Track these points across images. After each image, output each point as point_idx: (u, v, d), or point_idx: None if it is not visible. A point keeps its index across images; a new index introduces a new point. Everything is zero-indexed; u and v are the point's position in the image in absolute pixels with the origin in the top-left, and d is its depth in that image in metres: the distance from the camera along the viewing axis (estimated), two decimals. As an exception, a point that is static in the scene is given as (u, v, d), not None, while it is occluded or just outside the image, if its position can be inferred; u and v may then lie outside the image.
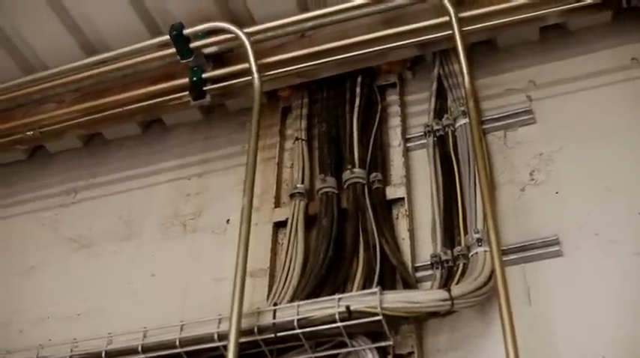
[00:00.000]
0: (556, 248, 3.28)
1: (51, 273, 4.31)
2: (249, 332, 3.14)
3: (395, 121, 4.01)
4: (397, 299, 3.03)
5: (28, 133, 4.42)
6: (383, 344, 3.08)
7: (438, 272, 3.31)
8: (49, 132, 4.44)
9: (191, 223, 4.19)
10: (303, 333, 3.09)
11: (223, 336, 3.12)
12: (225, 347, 2.99)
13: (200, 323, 3.29)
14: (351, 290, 3.26)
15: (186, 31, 3.93)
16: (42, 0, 4.11)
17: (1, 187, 4.87)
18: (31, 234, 4.56)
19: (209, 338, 3.21)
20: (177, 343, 3.26)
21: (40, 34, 4.30)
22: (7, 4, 4.18)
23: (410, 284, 3.29)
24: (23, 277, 4.35)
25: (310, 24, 3.90)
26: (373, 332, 3.09)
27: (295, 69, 3.96)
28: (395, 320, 3.06)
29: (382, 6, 3.77)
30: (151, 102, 4.19)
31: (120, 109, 4.24)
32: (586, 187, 3.43)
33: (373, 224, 3.53)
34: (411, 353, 3.15)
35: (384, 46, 3.81)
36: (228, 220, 4.06)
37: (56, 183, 4.74)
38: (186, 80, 4.07)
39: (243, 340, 3.05)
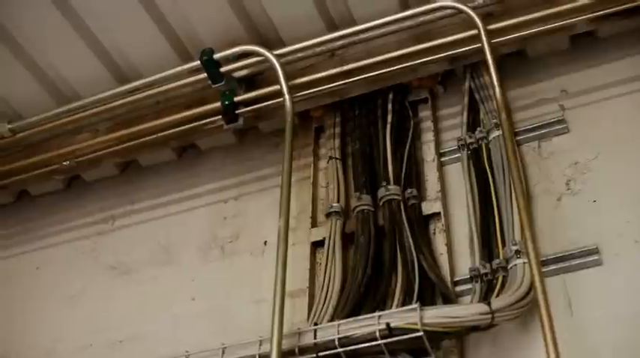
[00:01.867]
0: (595, 257, 3.25)
1: (92, 301, 4.33)
2: (291, 352, 3.15)
3: (428, 136, 4.00)
4: (437, 315, 3.02)
5: (64, 163, 4.47)
6: (425, 360, 3.07)
7: (477, 286, 3.29)
8: (84, 162, 4.48)
9: (229, 246, 4.20)
10: (344, 352, 3.09)
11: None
12: (268, 369, 3.00)
13: (241, 345, 3.30)
14: (391, 307, 3.25)
15: (216, 56, 3.96)
16: (73, 32, 4.16)
17: (40, 217, 4.90)
18: (72, 262, 4.59)
19: (251, 360, 3.23)
20: (220, 366, 3.28)
21: (73, 65, 4.36)
22: (40, 38, 4.23)
23: (450, 299, 3.27)
24: (65, 305, 4.38)
25: (339, 43, 3.92)
26: (415, 349, 3.07)
27: (326, 88, 3.97)
28: (436, 336, 3.04)
29: (411, 22, 3.78)
30: (184, 127, 4.22)
31: (154, 136, 4.28)
32: (623, 194, 3.40)
33: (410, 240, 3.51)
34: (454, 368, 3.14)
35: (414, 62, 3.81)
36: (265, 242, 4.07)
37: (94, 211, 4.77)
38: (218, 104, 4.09)
39: (284, 361, 3.07)
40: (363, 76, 3.90)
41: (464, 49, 3.73)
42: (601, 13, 3.60)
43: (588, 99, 3.78)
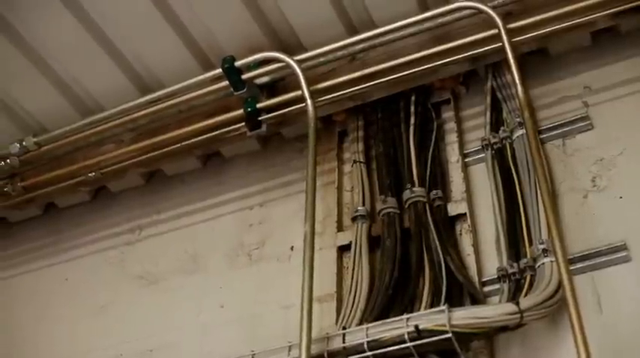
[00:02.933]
0: (624, 253, 3.22)
1: (121, 311, 4.35)
2: (320, 357, 3.15)
3: (452, 137, 3.99)
4: (466, 316, 3.00)
5: (89, 175, 4.49)
6: (454, 361, 3.06)
7: (505, 286, 3.27)
8: (110, 173, 4.51)
9: (256, 253, 4.21)
10: (373, 355, 3.08)
11: (294, 363, 3.13)
12: (297, 374, 3.00)
13: (270, 351, 3.32)
14: (419, 309, 3.24)
15: (237, 63, 3.97)
16: (95, 44, 4.19)
17: (67, 229, 4.93)
18: (99, 273, 4.61)
19: (280, 366, 3.24)
20: (249, 373, 3.29)
21: (96, 78, 4.39)
22: (63, 52, 4.26)
23: (478, 299, 3.25)
24: (94, 316, 4.40)
25: (360, 46, 3.91)
26: (444, 350, 3.06)
27: (348, 92, 3.97)
28: (465, 337, 3.03)
29: (430, 23, 3.77)
30: (208, 135, 4.23)
31: (178, 145, 4.29)
32: (651, 189, 3.39)
33: (437, 241, 3.50)
34: (483, 368, 3.13)
35: (435, 63, 3.80)
36: (292, 247, 4.07)
37: (121, 222, 4.79)
38: (241, 111, 4.10)
39: (314, 366, 3.07)
40: (384, 79, 3.90)
41: (484, 48, 3.72)
42: (622, 8, 3.57)
43: (611, 95, 3.75)
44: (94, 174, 4.50)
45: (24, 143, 4.48)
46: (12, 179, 4.67)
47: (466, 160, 3.89)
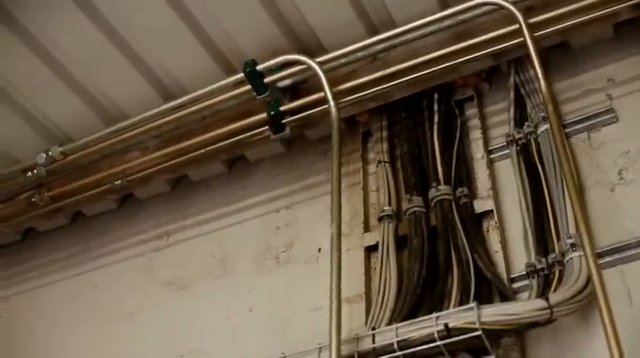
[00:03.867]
0: (653, 246, 3.21)
1: (151, 317, 4.38)
2: (350, 358, 3.16)
3: (476, 134, 3.97)
4: (495, 313, 3.00)
5: (115, 183, 4.52)
6: (485, 359, 3.05)
7: (534, 282, 3.26)
8: (136, 180, 4.53)
9: (283, 255, 4.21)
10: (403, 355, 3.10)
11: (325, 365, 3.13)
12: (328, 376, 3.00)
13: (300, 353, 3.33)
14: (448, 308, 3.24)
15: (259, 67, 3.98)
16: (118, 53, 4.21)
17: (95, 237, 4.96)
18: (128, 280, 4.64)
19: (311, 368, 3.24)
20: (280, 375, 3.30)
21: (119, 86, 4.41)
22: (86, 61, 4.29)
23: (507, 296, 3.24)
24: (124, 323, 4.43)
25: (381, 46, 3.90)
26: (475, 348, 3.06)
27: (370, 92, 3.97)
28: (495, 334, 3.02)
29: (451, 21, 3.75)
30: (232, 140, 4.24)
31: (203, 150, 4.31)
32: (678, 180, 3.36)
33: (464, 239, 3.50)
34: (515, 365, 3.12)
35: (457, 61, 3.79)
36: (319, 249, 4.07)
37: (148, 229, 4.81)
38: (264, 115, 4.11)
39: (344, 367, 3.07)
40: (406, 79, 3.89)
41: (506, 44, 3.70)
42: (643, -2, 3.56)
43: (636, 87, 3.72)
44: (120, 181, 4.52)
45: (50, 153, 4.51)
46: (39, 189, 4.70)
47: (491, 157, 3.88)
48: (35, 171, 4.58)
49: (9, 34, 4.13)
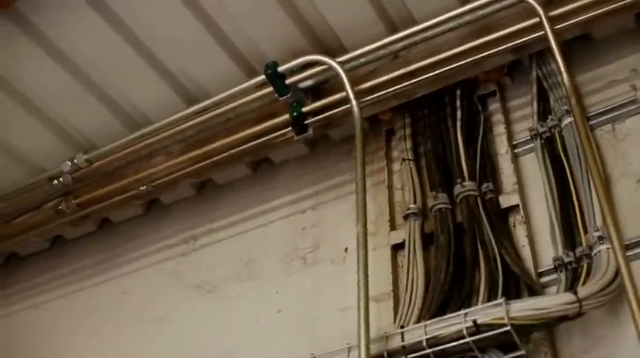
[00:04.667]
0: (681, 237, 3.19)
1: (180, 321, 4.38)
2: (380, 357, 3.16)
3: (500, 129, 3.96)
4: (524, 308, 2.99)
5: (141, 188, 4.55)
6: (515, 354, 3.03)
7: (562, 276, 3.25)
8: (161, 185, 4.56)
9: (310, 256, 4.21)
10: (433, 353, 3.09)
11: (354, 364, 3.13)
12: (358, 375, 3.00)
13: (330, 353, 3.33)
14: (477, 304, 3.23)
15: (280, 69, 3.99)
16: (140, 59, 4.25)
17: (123, 243, 4.99)
18: (157, 285, 4.65)
19: (340, 368, 3.24)
20: (311, 376, 3.30)
21: (142, 92, 4.45)
22: (109, 68, 4.32)
23: (535, 290, 3.23)
24: (155, 328, 4.44)
25: (401, 44, 3.91)
26: (504, 344, 3.04)
27: (392, 91, 3.97)
28: (524, 329, 3.02)
29: (470, 16, 3.75)
30: (256, 142, 4.26)
31: (227, 153, 4.33)
32: None
33: (491, 235, 3.49)
34: (545, 360, 3.11)
35: (478, 56, 3.79)
36: (346, 249, 4.06)
37: (175, 233, 4.82)
38: (287, 116, 4.12)
39: (374, 366, 3.07)
40: (427, 76, 3.89)
41: (527, 38, 3.69)
42: (664, -14, 3.54)
43: (660, 76, 3.71)
44: (145, 187, 4.55)
45: (75, 161, 4.55)
46: (66, 197, 4.75)
47: (515, 151, 3.86)
48: (61, 179, 4.63)
49: (33, 46, 4.18)
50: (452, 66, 3.84)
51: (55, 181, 4.66)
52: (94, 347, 4.58)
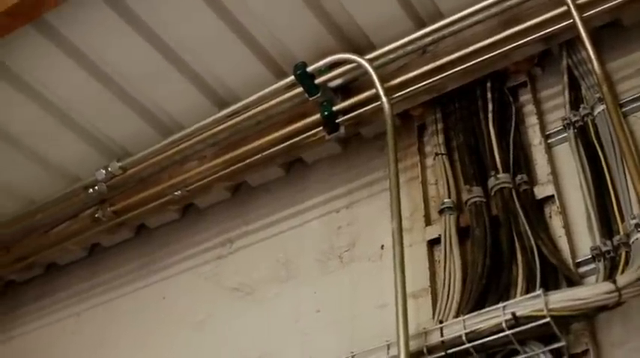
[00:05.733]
0: None
1: (220, 324, 4.39)
2: (419, 353, 3.16)
3: (532, 120, 3.93)
4: (562, 299, 2.97)
5: (176, 193, 4.58)
6: (556, 345, 3.02)
7: (600, 265, 3.21)
8: (195, 189, 4.59)
9: (347, 255, 4.20)
10: (473, 347, 3.08)
11: (394, 361, 3.13)
12: (399, 372, 3.00)
13: (369, 351, 3.33)
14: (515, 297, 3.20)
15: (309, 69, 4.01)
16: (169, 65, 4.28)
17: (160, 249, 5.01)
18: (195, 289, 4.66)
19: (381, 365, 3.24)
20: (352, 375, 3.30)
21: (173, 98, 4.48)
22: (139, 76, 4.36)
23: (574, 281, 3.20)
24: (194, 332, 4.45)
25: (429, 39, 3.90)
26: (544, 335, 3.03)
27: (422, 86, 3.96)
28: (564, 320, 2.99)
29: (497, 8, 3.73)
30: (287, 143, 4.27)
31: (259, 155, 4.34)
32: None
33: (527, 226, 3.46)
34: (586, 350, 3.07)
35: (507, 48, 3.77)
36: (382, 246, 4.05)
37: (211, 237, 4.83)
38: (318, 116, 4.13)
39: (414, 362, 3.07)
40: (457, 69, 3.88)
41: (555, 27, 3.67)
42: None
43: (691, 61, 3.67)
44: (180, 192, 4.58)
45: (109, 168, 4.60)
46: (102, 205, 4.79)
47: (549, 141, 3.83)
48: (96, 187, 4.67)
49: (64, 57, 4.22)
50: (481, 58, 3.83)
51: (91, 190, 4.70)
52: (135, 353, 4.61)
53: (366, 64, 3.89)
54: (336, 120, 4.10)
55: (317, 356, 3.61)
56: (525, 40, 3.74)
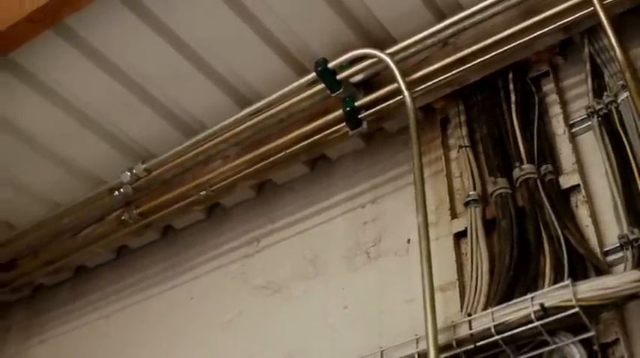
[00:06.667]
0: None
1: (248, 323, 4.40)
2: (448, 346, 3.15)
3: (555, 109, 3.91)
4: (591, 288, 2.95)
5: (201, 193, 4.59)
6: (585, 335, 2.99)
7: (628, 253, 3.19)
8: (220, 189, 4.60)
9: (373, 250, 4.19)
10: (502, 339, 3.07)
11: (423, 355, 3.14)
12: (428, 366, 3.00)
13: (398, 346, 3.33)
14: (543, 287, 3.19)
15: (330, 65, 4.01)
16: (190, 65, 4.29)
17: (187, 249, 5.03)
18: (223, 288, 4.67)
19: (410, 360, 3.24)
20: (384, 371, 3.30)
21: (194, 98, 4.49)
22: (160, 77, 4.38)
23: (602, 270, 3.18)
24: (223, 330, 4.46)
25: (450, 31, 3.88)
26: (573, 326, 3.01)
27: (444, 79, 3.95)
28: (593, 310, 2.97)
29: (516, -2, 3.73)
30: (311, 140, 4.28)
31: (283, 153, 4.35)
32: None
33: (553, 216, 3.44)
34: (616, 340, 3.05)
35: (527, 38, 3.75)
36: (408, 240, 4.05)
37: (238, 236, 4.84)
38: (340, 112, 4.13)
39: (443, 356, 3.08)
40: (478, 61, 3.86)
41: (576, 15, 3.65)
42: None
43: None
44: (205, 192, 4.59)
45: (134, 170, 4.62)
46: (127, 207, 4.81)
47: (573, 131, 3.81)
48: (122, 189, 4.69)
49: (84, 60, 4.24)
50: (502, 49, 3.81)
51: (116, 192, 4.72)
52: (165, 354, 4.63)
53: (387, 59, 3.88)
54: (359, 116, 4.10)
55: (346, 352, 3.60)
56: (546, 29, 3.72)
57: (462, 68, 3.91)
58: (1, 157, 4.76)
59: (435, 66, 3.94)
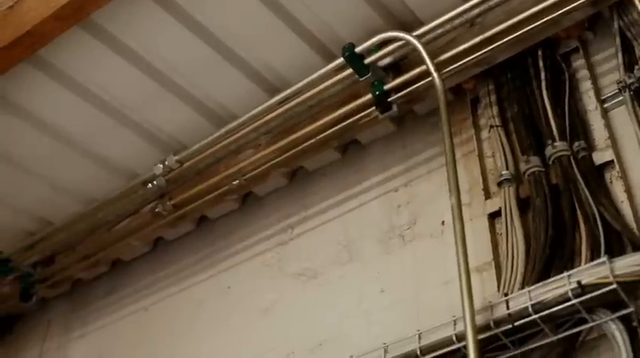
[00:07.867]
0: None
1: (285, 310, 4.42)
2: (486, 327, 3.15)
3: (586, 85, 3.88)
4: (628, 264, 2.94)
5: (233, 183, 4.60)
6: (624, 312, 2.96)
7: (665, 228, 3.18)
8: (253, 178, 4.61)
9: (408, 233, 4.19)
10: (540, 318, 3.05)
11: (461, 337, 3.13)
12: (466, 347, 2.99)
13: (436, 328, 3.32)
14: (580, 265, 3.18)
15: (358, 49, 4.01)
16: (219, 57, 4.30)
17: (222, 239, 5.05)
18: (259, 276, 4.69)
19: (448, 342, 3.25)
20: (419, 352, 3.31)
21: (224, 88, 4.51)
22: (190, 69, 4.40)
23: (639, 245, 3.14)
24: (261, 318, 4.49)
25: (477, 11, 3.85)
26: (612, 302, 2.99)
27: (472, 59, 3.93)
28: (631, 286, 2.95)
29: (543, -26, 3.69)
30: (341, 125, 4.28)
31: (314, 140, 4.36)
32: None
33: (587, 193, 3.43)
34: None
35: (556, 14, 3.71)
36: (442, 222, 4.04)
37: (272, 224, 4.85)
38: (370, 96, 4.13)
39: (481, 336, 3.06)
40: (506, 39, 3.84)
41: (605, -11, 3.62)
42: None
43: None
44: (237, 181, 4.60)
45: (166, 162, 4.65)
46: (161, 199, 4.84)
47: (605, 106, 3.78)
48: (155, 182, 4.73)
49: (112, 54, 4.27)
50: (530, 27, 3.78)
51: (150, 185, 4.76)
52: (205, 343, 4.65)
53: (415, 41, 3.87)
54: (388, 99, 4.09)
55: (383, 336, 3.58)
56: (574, 4, 3.68)
57: (490, 47, 3.88)
58: (38, 155, 4.80)
59: (463, 46, 3.92)
